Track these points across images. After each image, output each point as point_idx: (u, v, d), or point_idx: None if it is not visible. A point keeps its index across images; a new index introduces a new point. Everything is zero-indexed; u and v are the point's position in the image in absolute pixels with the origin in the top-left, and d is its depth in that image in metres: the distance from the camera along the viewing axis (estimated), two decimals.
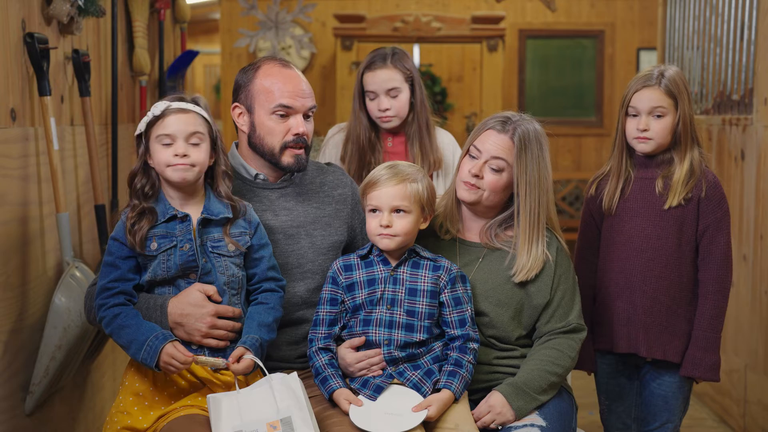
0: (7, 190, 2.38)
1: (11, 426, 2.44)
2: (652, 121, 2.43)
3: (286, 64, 2.28)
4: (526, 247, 2.25)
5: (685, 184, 2.42)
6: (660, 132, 2.43)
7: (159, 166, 2.06)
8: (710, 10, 4.24)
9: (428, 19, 7.04)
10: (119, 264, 2.04)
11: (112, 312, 2.01)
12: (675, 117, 2.42)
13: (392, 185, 2.12)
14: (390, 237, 2.13)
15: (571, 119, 7.88)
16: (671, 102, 2.42)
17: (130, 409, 2.02)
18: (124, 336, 1.99)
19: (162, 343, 1.96)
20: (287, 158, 2.25)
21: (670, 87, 2.41)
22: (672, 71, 2.44)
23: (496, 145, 2.23)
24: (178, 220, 2.06)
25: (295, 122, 2.23)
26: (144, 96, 3.96)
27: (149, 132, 2.06)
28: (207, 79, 12.23)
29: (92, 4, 2.83)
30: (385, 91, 2.88)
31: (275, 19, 7.41)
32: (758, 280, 3.62)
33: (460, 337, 2.15)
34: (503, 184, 2.24)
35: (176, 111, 2.05)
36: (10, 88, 2.43)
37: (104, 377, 3.34)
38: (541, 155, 2.23)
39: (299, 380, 1.97)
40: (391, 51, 2.93)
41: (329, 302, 2.18)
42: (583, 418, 2.88)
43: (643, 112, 2.43)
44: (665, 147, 2.46)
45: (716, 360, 2.45)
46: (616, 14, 7.91)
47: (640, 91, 2.44)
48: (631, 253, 2.48)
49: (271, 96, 2.22)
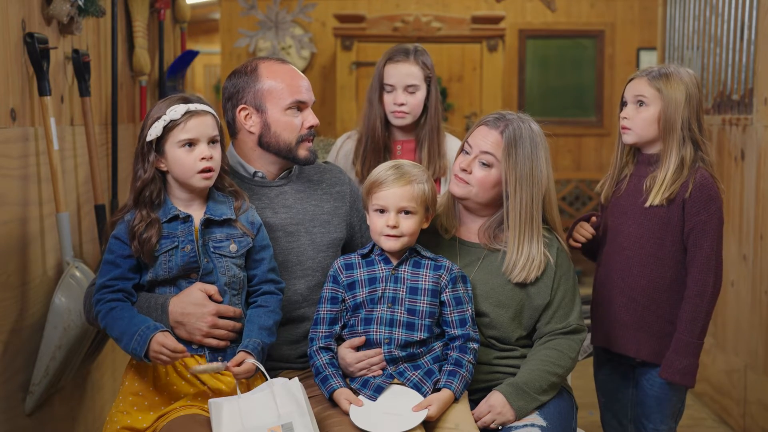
0: (7, 190, 2.38)
1: (11, 426, 2.44)
2: (634, 111, 2.42)
3: (283, 61, 2.32)
4: (516, 244, 2.24)
5: (670, 183, 2.38)
6: (640, 123, 2.41)
7: (184, 172, 2.02)
8: (710, 10, 4.24)
9: (428, 19, 7.04)
10: (120, 263, 2.03)
11: (108, 306, 2.00)
12: (658, 109, 2.40)
13: (399, 186, 2.12)
14: (395, 238, 2.13)
15: (571, 119, 7.87)
16: (654, 93, 2.39)
17: (129, 409, 2.02)
18: (116, 328, 1.98)
19: (152, 332, 1.94)
20: (303, 151, 2.29)
21: (657, 78, 2.40)
22: (672, 68, 2.43)
23: (485, 140, 2.24)
24: (180, 221, 2.05)
25: (309, 115, 2.29)
26: (144, 96, 3.96)
27: (165, 136, 2.01)
28: (207, 79, 12.22)
29: (92, 4, 2.83)
30: (404, 86, 2.87)
31: (275, 19, 7.40)
32: (758, 280, 3.62)
33: (461, 336, 2.14)
34: (492, 181, 2.24)
35: (196, 113, 2.02)
36: (10, 88, 2.43)
37: (104, 377, 3.34)
38: (535, 153, 2.22)
39: (301, 386, 1.97)
40: (414, 47, 2.93)
41: (330, 301, 2.18)
42: (583, 418, 2.88)
43: (628, 101, 2.44)
44: (650, 140, 2.44)
45: (689, 364, 2.39)
46: (616, 14, 7.90)
47: (630, 81, 2.46)
48: (614, 249, 2.48)
49: (284, 93, 2.25)
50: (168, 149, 2.02)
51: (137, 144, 2.06)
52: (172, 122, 2.01)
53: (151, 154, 2.02)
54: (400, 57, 2.89)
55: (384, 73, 2.91)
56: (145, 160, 2.03)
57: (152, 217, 2.02)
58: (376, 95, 2.92)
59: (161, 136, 2.01)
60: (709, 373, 4.12)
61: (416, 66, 2.88)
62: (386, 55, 2.93)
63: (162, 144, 2.03)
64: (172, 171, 2.05)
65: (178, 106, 2.02)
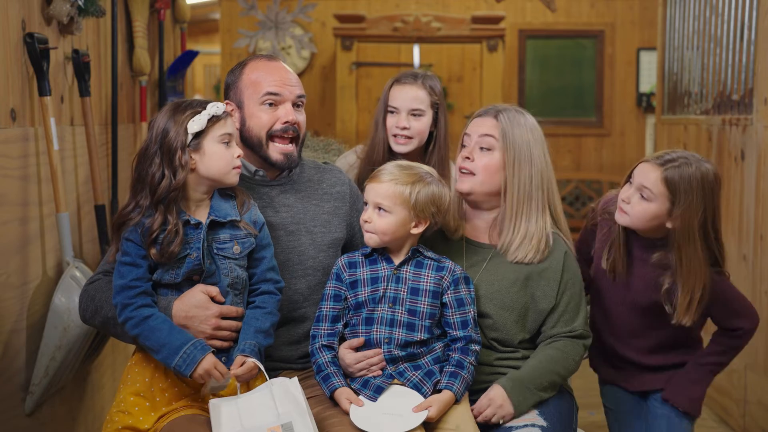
0: (7, 190, 2.38)
1: (11, 426, 2.44)
2: (637, 199, 2.26)
3: (272, 57, 2.31)
4: (512, 222, 2.25)
5: (694, 308, 2.28)
6: (639, 215, 2.26)
7: (222, 167, 2.01)
8: (710, 10, 4.24)
9: (428, 19, 7.04)
10: (140, 263, 1.99)
11: (141, 313, 1.97)
12: (662, 208, 2.23)
13: (379, 182, 2.13)
14: (369, 233, 2.14)
15: (571, 119, 7.87)
16: (663, 191, 2.21)
17: (130, 409, 2.01)
18: (155, 338, 1.95)
19: (201, 354, 1.93)
20: (275, 154, 2.24)
21: (670, 171, 2.21)
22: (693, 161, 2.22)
23: (482, 126, 2.28)
24: (191, 227, 2.03)
25: (284, 111, 2.24)
26: (144, 96, 3.96)
27: (205, 132, 1.99)
28: (207, 79, 12.22)
29: (92, 4, 2.83)
30: (408, 110, 2.76)
31: (275, 19, 7.41)
32: (758, 280, 3.61)
33: (463, 338, 2.14)
34: (495, 164, 2.25)
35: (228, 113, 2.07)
36: (10, 88, 2.43)
37: (104, 377, 3.34)
38: (532, 137, 2.25)
39: (300, 385, 1.96)
40: (423, 72, 2.85)
41: (333, 298, 2.18)
42: (583, 418, 2.88)
43: (633, 184, 2.28)
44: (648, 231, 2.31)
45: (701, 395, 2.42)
46: (616, 14, 7.90)
47: (641, 164, 2.29)
48: (604, 314, 2.47)
49: (259, 87, 2.23)
50: (206, 144, 2.01)
51: (150, 146, 2.00)
52: (215, 117, 2.01)
53: (185, 154, 1.98)
54: (408, 80, 2.81)
55: (390, 95, 2.81)
56: (173, 161, 1.97)
57: (179, 227, 1.98)
58: (381, 118, 2.82)
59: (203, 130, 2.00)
60: None
61: (423, 90, 2.78)
62: (393, 78, 2.85)
63: (202, 139, 2.01)
64: (206, 167, 2.01)
65: (218, 103, 2.04)
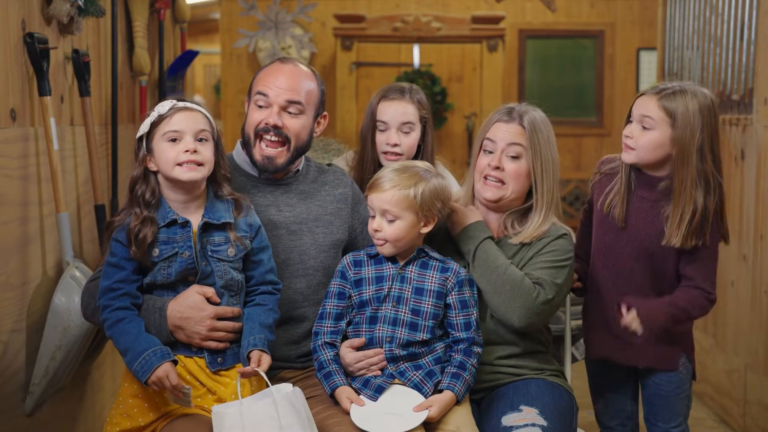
0: (7, 190, 2.38)
1: (11, 426, 2.44)
2: (639, 131, 2.31)
3: (286, 60, 2.31)
4: (540, 217, 2.27)
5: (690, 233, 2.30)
6: (643, 145, 2.30)
7: (166, 165, 2.00)
8: (710, 10, 4.24)
9: (428, 19, 7.04)
10: (124, 265, 2.01)
11: (116, 315, 1.98)
12: (664, 135, 2.28)
13: (382, 191, 2.12)
14: (381, 243, 2.13)
15: (571, 119, 7.87)
16: (663, 116, 2.27)
17: (130, 410, 2.01)
18: (122, 341, 1.97)
19: (159, 362, 1.92)
20: (257, 154, 2.26)
21: (668, 98, 2.27)
22: (688, 87, 2.29)
23: (509, 134, 2.27)
24: (179, 225, 2.03)
25: (268, 112, 2.23)
26: (144, 96, 3.96)
27: (153, 132, 2.01)
28: (207, 79, 12.22)
29: (92, 4, 2.83)
30: (398, 125, 2.71)
31: (275, 19, 7.40)
32: (758, 280, 3.61)
33: (466, 340, 2.14)
34: (524, 172, 2.27)
35: (183, 109, 2.02)
36: (10, 88, 2.43)
37: (104, 377, 3.34)
38: (549, 137, 2.29)
39: (303, 397, 1.95)
40: (409, 86, 2.79)
41: (337, 296, 2.18)
42: (584, 418, 2.88)
43: (634, 119, 2.34)
44: (653, 164, 2.34)
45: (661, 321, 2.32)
46: (616, 14, 7.90)
47: (639, 97, 2.35)
48: (604, 265, 2.46)
49: (256, 86, 2.27)
50: (155, 145, 2.02)
51: (136, 150, 2.05)
52: (159, 117, 2.01)
53: (140, 152, 2.02)
54: (395, 95, 2.74)
55: (378, 110, 2.72)
56: (136, 159, 2.04)
57: (146, 215, 2.00)
58: (370, 135, 2.76)
59: (149, 132, 2.01)
60: (709, 373, 4.12)
61: (412, 105, 2.72)
62: (380, 93, 2.77)
63: (150, 141, 2.02)
64: (158, 167, 2.03)
65: (165, 102, 2.03)
